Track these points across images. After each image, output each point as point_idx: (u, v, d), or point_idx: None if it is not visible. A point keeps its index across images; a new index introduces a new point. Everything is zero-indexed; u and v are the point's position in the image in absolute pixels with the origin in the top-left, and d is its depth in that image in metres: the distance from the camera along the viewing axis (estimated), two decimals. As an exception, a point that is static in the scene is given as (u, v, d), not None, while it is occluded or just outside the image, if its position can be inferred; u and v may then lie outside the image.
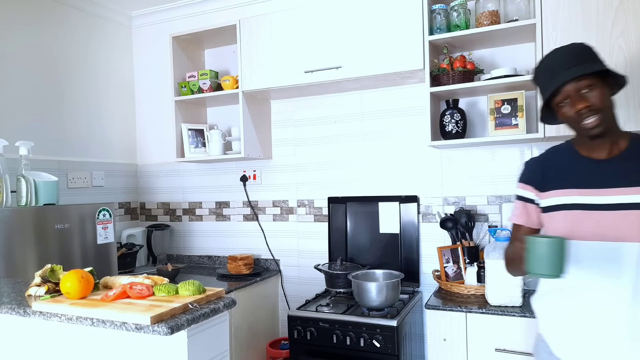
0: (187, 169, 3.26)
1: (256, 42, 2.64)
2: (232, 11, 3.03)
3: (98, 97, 3.13)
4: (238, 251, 3.09)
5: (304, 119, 2.90)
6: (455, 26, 2.27)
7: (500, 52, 2.42)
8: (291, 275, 2.97)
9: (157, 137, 3.33)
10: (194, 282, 1.32)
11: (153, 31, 3.32)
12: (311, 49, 2.49)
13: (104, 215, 2.40)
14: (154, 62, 3.31)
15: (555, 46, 2.02)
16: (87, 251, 2.33)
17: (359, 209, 2.73)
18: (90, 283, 1.35)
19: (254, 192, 3.06)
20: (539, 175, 1.39)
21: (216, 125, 3.10)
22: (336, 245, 2.78)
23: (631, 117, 1.91)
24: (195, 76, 2.87)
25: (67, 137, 2.91)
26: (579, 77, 1.23)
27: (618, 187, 1.24)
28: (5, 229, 2.01)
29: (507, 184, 2.42)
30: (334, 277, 2.49)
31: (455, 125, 2.30)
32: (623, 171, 1.26)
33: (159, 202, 3.37)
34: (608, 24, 1.94)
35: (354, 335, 2.11)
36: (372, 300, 2.14)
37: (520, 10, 2.18)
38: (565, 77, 1.24)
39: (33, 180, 2.19)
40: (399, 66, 2.31)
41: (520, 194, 1.43)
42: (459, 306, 2.00)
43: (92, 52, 3.09)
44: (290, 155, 2.95)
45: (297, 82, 2.54)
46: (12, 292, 1.52)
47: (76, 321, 1.23)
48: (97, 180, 3.08)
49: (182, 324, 1.15)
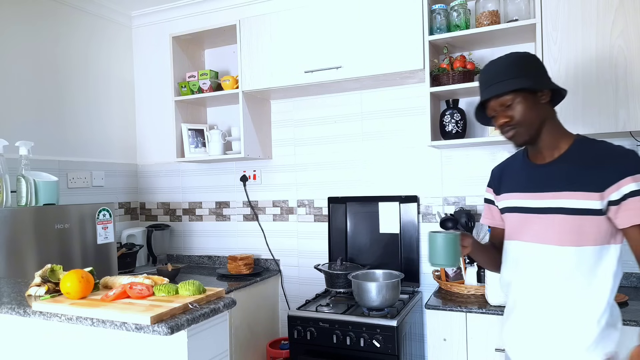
0: (187, 169, 3.26)
1: (256, 42, 2.64)
2: (232, 11, 3.03)
3: (98, 97, 3.13)
4: (238, 251, 3.09)
5: (304, 119, 2.90)
6: (455, 26, 2.27)
7: (500, 52, 2.40)
8: (291, 275, 2.97)
9: (157, 137, 3.33)
10: (194, 282, 1.32)
11: (153, 31, 3.32)
12: (311, 49, 2.49)
13: (104, 215, 2.40)
14: (154, 62, 3.31)
15: (555, 46, 2.04)
16: (87, 251, 2.33)
17: (359, 209, 2.73)
18: (90, 283, 1.35)
19: (254, 192, 3.06)
20: (497, 180, 1.51)
21: (216, 125, 3.10)
22: (336, 245, 2.78)
23: (631, 117, 1.91)
24: (195, 76, 2.87)
25: (67, 137, 2.91)
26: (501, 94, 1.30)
27: (548, 191, 1.31)
28: (5, 229, 2.01)
29: (507, 184, 2.42)
30: (334, 277, 2.49)
31: (455, 125, 2.30)
32: (555, 176, 1.31)
33: (159, 202, 3.37)
34: (608, 24, 1.94)
35: (354, 335, 2.11)
36: (372, 300, 2.14)
37: (520, 10, 2.18)
38: (484, 96, 1.34)
39: (33, 180, 2.19)
40: (399, 66, 2.31)
41: (485, 197, 1.59)
42: (459, 306, 2.00)
43: (92, 52, 3.10)
44: (290, 155, 2.95)
45: (297, 82, 2.54)
46: (12, 292, 1.52)
47: (76, 321, 1.23)
48: (97, 180, 3.08)
49: (182, 324, 1.15)
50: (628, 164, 1.22)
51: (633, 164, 1.22)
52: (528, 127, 1.31)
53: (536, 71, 1.32)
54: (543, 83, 1.31)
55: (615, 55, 1.93)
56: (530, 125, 1.31)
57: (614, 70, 1.94)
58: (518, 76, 1.29)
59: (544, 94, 1.31)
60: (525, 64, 1.32)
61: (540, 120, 1.31)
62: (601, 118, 1.96)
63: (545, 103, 1.32)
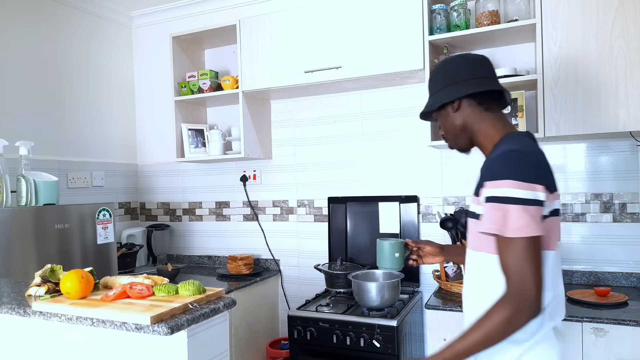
0: (187, 169, 3.26)
1: (256, 42, 2.64)
2: (232, 11, 3.03)
3: (98, 97, 3.13)
4: (238, 251, 3.09)
5: (304, 119, 2.90)
6: (455, 26, 2.27)
7: (500, 52, 2.42)
8: (291, 275, 2.97)
9: (157, 137, 3.33)
10: (194, 282, 1.32)
11: (153, 31, 3.32)
12: (311, 49, 2.49)
13: (104, 215, 2.40)
14: (154, 62, 3.31)
15: (555, 46, 2.04)
16: (87, 251, 2.33)
17: (359, 209, 2.73)
18: (90, 283, 1.35)
19: (254, 192, 3.06)
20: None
21: (216, 125, 3.10)
22: (336, 245, 2.78)
23: (631, 117, 1.91)
24: (195, 76, 2.87)
25: (67, 137, 2.91)
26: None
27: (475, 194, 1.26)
28: (5, 229, 2.01)
29: (507, 184, 2.42)
30: (334, 277, 2.49)
31: (455, 125, 2.30)
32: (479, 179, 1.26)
33: (159, 202, 3.37)
34: (608, 24, 1.94)
35: (354, 335, 2.11)
36: (372, 300, 2.14)
37: (520, 10, 2.18)
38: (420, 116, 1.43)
39: (33, 180, 2.19)
40: (399, 66, 2.31)
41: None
42: (459, 306, 2.00)
43: (92, 52, 3.10)
44: (290, 155, 2.95)
45: (297, 82, 2.53)
46: (12, 292, 1.52)
47: (76, 321, 1.23)
48: (97, 180, 3.08)
49: (182, 324, 1.15)
50: (492, 167, 1.13)
51: (496, 168, 1.12)
52: (453, 137, 1.33)
53: (443, 85, 1.29)
54: (443, 97, 1.28)
55: (615, 55, 1.93)
56: (455, 136, 1.33)
57: (614, 70, 1.94)
58: (430, 95, 1.34)
59: (454, 105, 1.28)
60: (433, 81, 1.33)
61: (461, 128, 1.29)
62: (601, 118, 1.96)
63: (465, 108, 1.27)
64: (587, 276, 2.28)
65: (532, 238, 1.05)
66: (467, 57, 1.30)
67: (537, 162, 1.12)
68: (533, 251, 1.05)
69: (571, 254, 2.31)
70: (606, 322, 1.73)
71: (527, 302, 1.04)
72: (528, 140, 1.20)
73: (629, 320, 1.70)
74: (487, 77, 1.27)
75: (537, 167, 1.10)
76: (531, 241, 1.05)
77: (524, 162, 1.09)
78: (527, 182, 1.07)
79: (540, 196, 1.07)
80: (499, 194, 1.08)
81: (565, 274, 2.30)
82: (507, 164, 1.10)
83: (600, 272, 2.25)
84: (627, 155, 2.21)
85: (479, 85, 1.26)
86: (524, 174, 1.07)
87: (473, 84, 1.26)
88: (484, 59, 1.31)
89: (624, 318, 1.72)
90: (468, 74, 1.27)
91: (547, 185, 1.10)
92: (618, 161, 2.23)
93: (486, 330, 1.07)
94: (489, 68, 1.30)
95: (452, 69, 1.29)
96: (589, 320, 1.76)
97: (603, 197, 2.26)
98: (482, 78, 1.27)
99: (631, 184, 2.21)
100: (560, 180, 2.32)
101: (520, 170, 1.08)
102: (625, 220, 2.22)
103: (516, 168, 1.08)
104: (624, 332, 1.72)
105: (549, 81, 2.04)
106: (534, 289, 1.04)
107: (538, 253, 1.07)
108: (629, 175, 2.21)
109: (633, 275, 2.20)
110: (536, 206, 1.07)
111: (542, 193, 1.08)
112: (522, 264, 1.05)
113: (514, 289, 1.06)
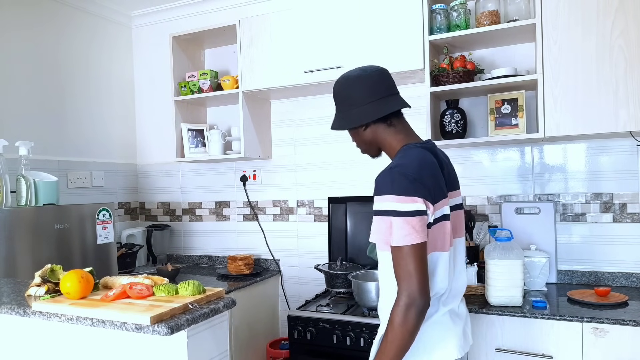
0: (187, 169, 3.26)
1: (256, 42, 2.64)
2: (232, 11, 3.02)
3: (98, 97, 3.13)
4: (238, 251, 3.09)
5: (304, 119, 2.90)
6: (455, 26, 2.27)
7: (500, 52, 2.42)
8: (291, 275, 2.97)
9: (157, 137, 3.33)
10: (194, 282, 1.32)
11: (153, 31, 3.32)
12: (311, 49, 2.49)
13: (103, 215, 2.40)
14: (154, 62, 3.31)
15: (555, 46, 2.04)
16: (87, 251, 2.33)
17: (359, 209, 2.73)
18: (90, 283, 1.35)
19: (254, 192, 3.06)
20: None
21: (216, 125, 3.10)
22: (336, 245, 2.78)
23: (631, 117, 1.91)
24: (195, 76, 2.87)
25: (67, 137, 2.91)
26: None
27: None
28: (5, 229, 2.01)
29: (507, 184, 2.42)
30: (334, 277, 2.48)
31: (455, 125, 2.30)
32: None
33: (159, 202, 3.37)
34: (608, 24, 1.94)
35: (354, 335, 2.11)
36: (372, 300, 2.14)
37: (520, 10, 2.18)
38: None
39: (33, 180, 2.19)
40: (399, 66, 2.30)
41: None
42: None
43: (92, 52, 3.10)
44: (290, 155, 2.95)
45: (297, 82, 2.53)
46: (12, 292, 1.52)
47: (76, 321, 1.23)
48: (97, 180, 3.08)
49: (182, 324, 1.15)
50: (378, 184, 1.25)
51: (381, 185, 1.24)
52: (365, 149, 1.48)
53: (350, 107, 1.38)
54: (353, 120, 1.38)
55: (615, 55, 1.93)
56: (366, 149, 1.48)
57: (614, 70, 1.94)
58: (338, 111, 1.43)
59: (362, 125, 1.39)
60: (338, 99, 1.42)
61: (370, 142, 1.44)
62: (601, 118, 1.96)
63: (372, 126, 1.39)
64: (587, 276, 2.27)
65: (414, 245, 1.18)
66: (367, 77, 1.36)
67: (417, 177, 1.22)
68: (416, 255, 1.18)
69: (571, 254, 2.31)
70: (606, 322, 1.73)
71: (412, 297, 1.17)
72: (418, 153, 1.31)
73: (629, 321, 1.70)
74: (391, 95, 1.38)
75: (416, 182, 1.21)
76: (414, 248, 1.18)
77: (404, 178, 1.21)
78: (406, 195, 1.19)
79: (421, 207, 1.20)
80: (383, 207, 1.22)
81: (565, 274, 2.31)
82: (390, 180, 1.23)
83: (600, 272, 2.25)
84: (627, 155, 2.21)
85: (383, 109, 1.36)
86: (404, 189, 1.20)
87: (378, 109, 1.35)
88: (382, 74, 1.38)
89: (624, 318, 1.72)
90: (372, 96, 1.36)
91: (427, 197, 1.22)
92: (618, 161, 2.23)
93: (393, 337, 1.19)
94: (388, 83, 1.38)
95: (357, 91, 1.37)
96: (589, 320, 1.76)
97: (603, 197, 2.26)
98: (387, 96, 1.37)
99: (631, 184, 2.21)
100: (560, 180, 2.32)
101: (401, 186, 1.20)
102: (626, 220, 2.22)
103: (398, 184, 1.21)
104: (624, 332, 1.72)
105: (549, 81, 2.04)
106: (418, 286, 1.17)
107: (422, 256, 1.20)
108: (629, 175, 2.21)
109: (633, 275, 2.20)
110: (418, 216, 1.19)
111: (423, 205, 1.20)
112: (407, 267, 1.18)
113: (401, 288, 1.20)
